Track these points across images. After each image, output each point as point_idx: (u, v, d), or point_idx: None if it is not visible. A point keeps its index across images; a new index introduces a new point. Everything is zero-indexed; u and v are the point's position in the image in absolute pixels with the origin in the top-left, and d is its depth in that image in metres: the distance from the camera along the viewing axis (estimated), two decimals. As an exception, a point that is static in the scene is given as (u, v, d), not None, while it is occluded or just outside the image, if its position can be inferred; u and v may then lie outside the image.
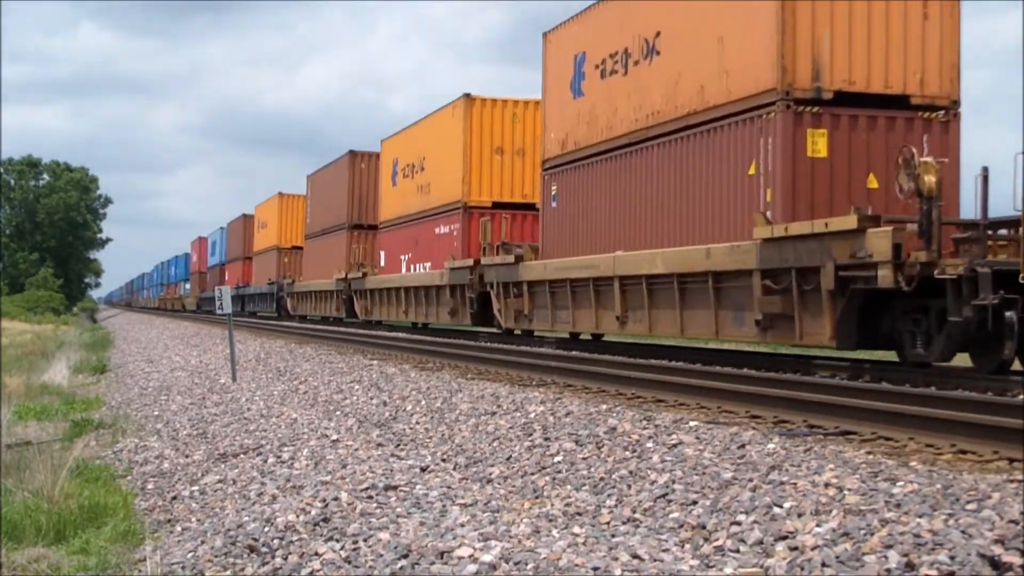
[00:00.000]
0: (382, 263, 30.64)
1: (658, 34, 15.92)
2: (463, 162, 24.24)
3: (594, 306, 17.43)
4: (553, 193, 19.92)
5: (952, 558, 4.63)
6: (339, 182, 35.94)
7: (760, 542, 5.37)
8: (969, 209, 11.82)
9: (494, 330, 22.89)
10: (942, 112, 13.51)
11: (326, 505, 6.93)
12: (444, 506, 6.81)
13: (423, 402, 11.88)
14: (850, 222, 11.43)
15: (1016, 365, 11.78)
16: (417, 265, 27.30)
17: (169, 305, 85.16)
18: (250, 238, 55.73)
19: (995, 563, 4.53)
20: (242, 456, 10.21)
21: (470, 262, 22.80)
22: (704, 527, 5.82)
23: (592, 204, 18.17)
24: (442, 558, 5.51)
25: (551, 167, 20.00)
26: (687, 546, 5.60)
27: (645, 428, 8.48)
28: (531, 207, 22.55)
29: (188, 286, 77.74)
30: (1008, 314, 10.54)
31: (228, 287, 18.96)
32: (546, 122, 20.48)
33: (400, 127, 33.26)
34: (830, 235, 11.76)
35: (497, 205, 24.09)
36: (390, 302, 29.53)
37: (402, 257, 28.65)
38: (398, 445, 9.64)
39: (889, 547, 4.87)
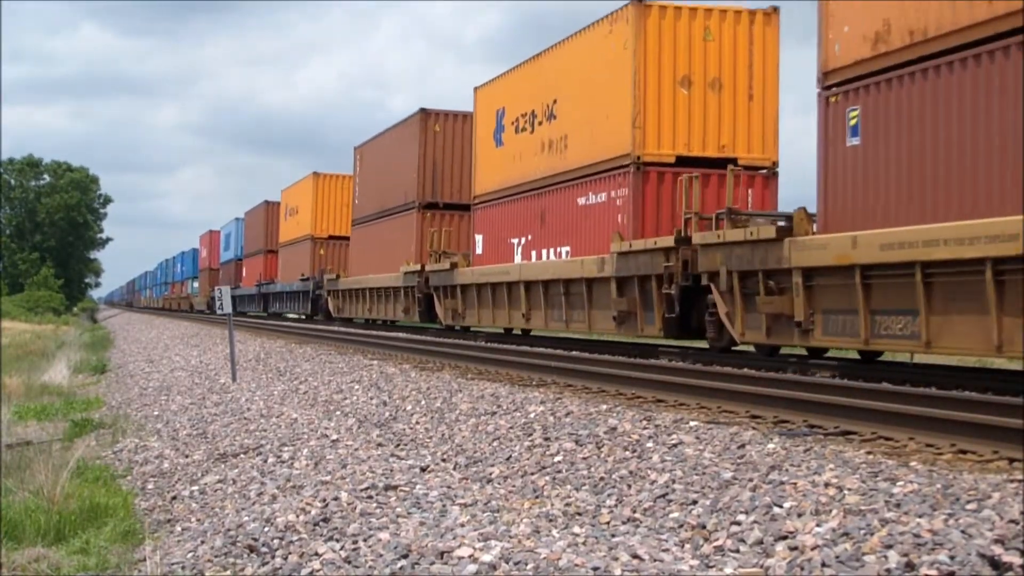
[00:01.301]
0: (479, 250, 23.62)
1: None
2: (632, 99, 16.80)
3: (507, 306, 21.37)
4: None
5: (952, 558, 4.63)
6: (405, 151, 28.61)
7: (760, 542, 5.37)
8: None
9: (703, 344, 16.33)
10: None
11: (326, 505, 6.93)
12: (444, 506, 6.81)
13: (423, 402, 11.88)
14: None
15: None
16: (546, 250, 20.12)
17: (175, 305, 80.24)
18: (274, 228, 49.39)
19: (995, 563, 4.53)
20: (242, 456, 10.21)
21: (659, 242, 15.65)
22: (704, 527, 5.82)
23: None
24: (442, 558, 5.51)
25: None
26: (687, 546, 5.60)
27: (645, 428, 8.48)
28: (727, 164, 15.48)
29: (196, 284, 72.44)
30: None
31: (227, 287, 18.83)
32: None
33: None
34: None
35: (684, 161, 16.76)
36: (500, 303, 21.73)
37: (515, 240, 21.59)
38: (398, 445, 9.64)
39: (889, 547, 4.87)
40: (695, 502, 6.29)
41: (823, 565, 4.84)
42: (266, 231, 50.60)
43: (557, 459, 7.98)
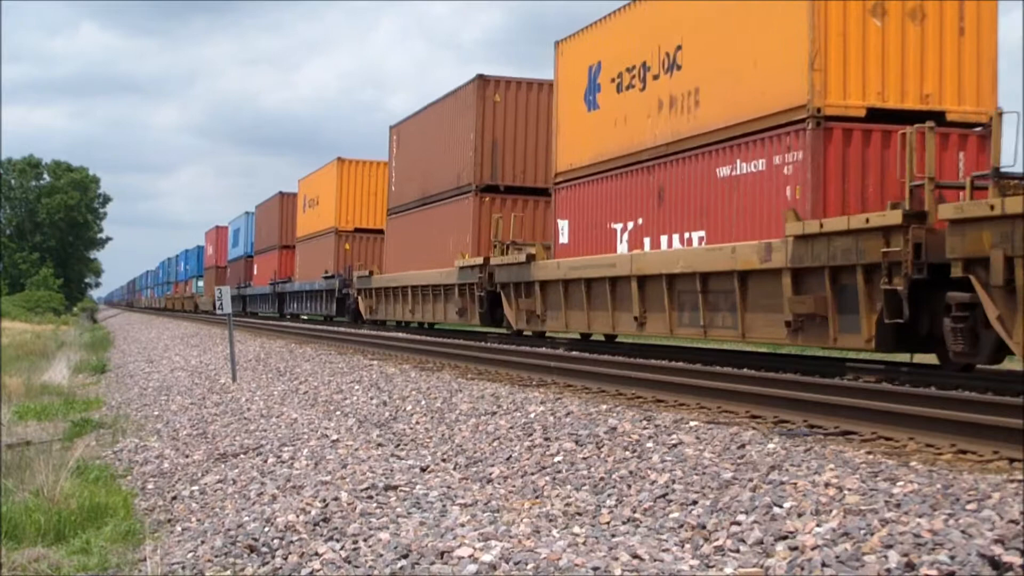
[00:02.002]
0: (563, 239, 19.26)
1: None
2: (810, 30, 12.58)
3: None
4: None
5: (952, 558, 4.64)
6: (457, 126, 24.58)
7: (760, 542, 5.37)
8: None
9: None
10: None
11: (326, 505, 6.93)
12: (444, 506, 6.81)
13: (423, 402, 11.89)
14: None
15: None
16: (666, 237, 15.77)
17: (178, 305, 76.32)
18: (290, 221, 45.36)
19: (995, 563, 4.53)
20: (242, 456, 10.21)
21: (875, 219, 11.38)
22: (704, 527, 5.82)
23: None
24: (442, 558, 5.51)
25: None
26: (687, 546, 5.60)
27: (645, 428, 8.48)
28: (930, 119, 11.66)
29: (201, 283, 68.39)
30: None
31: (227, 287, 18.81)
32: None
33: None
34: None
35: (876, 115, 12.75)
36: (599, 304, 17.52)
37: (617, 226, 17.19)
38: (398, 445, 9.64)
39: (889, 547, 4.87)
40: (695, 502, 6.29)
41: (823, 565, 4.84)
42: (281, 225, 46.59)
43: (557, 459, 7.98)
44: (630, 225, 16.87)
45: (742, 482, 6.46)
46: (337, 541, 6.16)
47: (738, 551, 5.36)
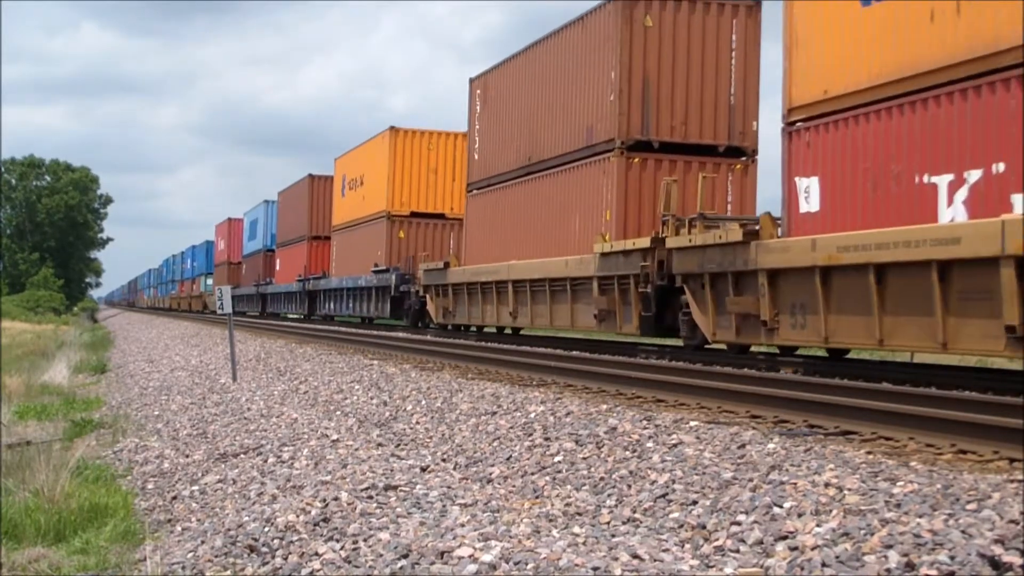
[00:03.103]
0: (808, 204, 12.78)
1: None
2: None
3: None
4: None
5: (952, 558, 4.63)
6: (590, 62, 18.76)
7: (760, 542, 5.37)
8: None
9: None
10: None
11: (326, 505, 6.93)
12: (444, 506, 6.81)
13: (423, 402, 11.89)
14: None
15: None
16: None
17: (184, 305, 71.13)
18: (323, 208, 39.96)
19: (995, 563, 4.53)
20: (242, 456, 10.21)
21: None
22: (704, 527, 5.82)
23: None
24: (442, 558, 5.51)
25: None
26: (687, 546, 5.60)
27: (645, 428, 8.48)
28: None
29: (211, 281, 62.74)
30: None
31: (227, 286, 18.76)
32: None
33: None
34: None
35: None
36: (906, 304, 10.99)
37: (938, 180, 10.68)
38: (398, 445, 9.64)
39: (889, 547, 4.87)
40: (695, 502, 6.29)
41: (823, 565, 4.84)
42: (311, 213, 40.86)
43: (557, 459, 7.98)
44: (972, 176, 10.34)
45: (742, 482, 6.46)
46: (337, 541, 6.16)
47: (738, 551, 5.36)
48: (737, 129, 18.16)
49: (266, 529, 6.71)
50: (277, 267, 47.15)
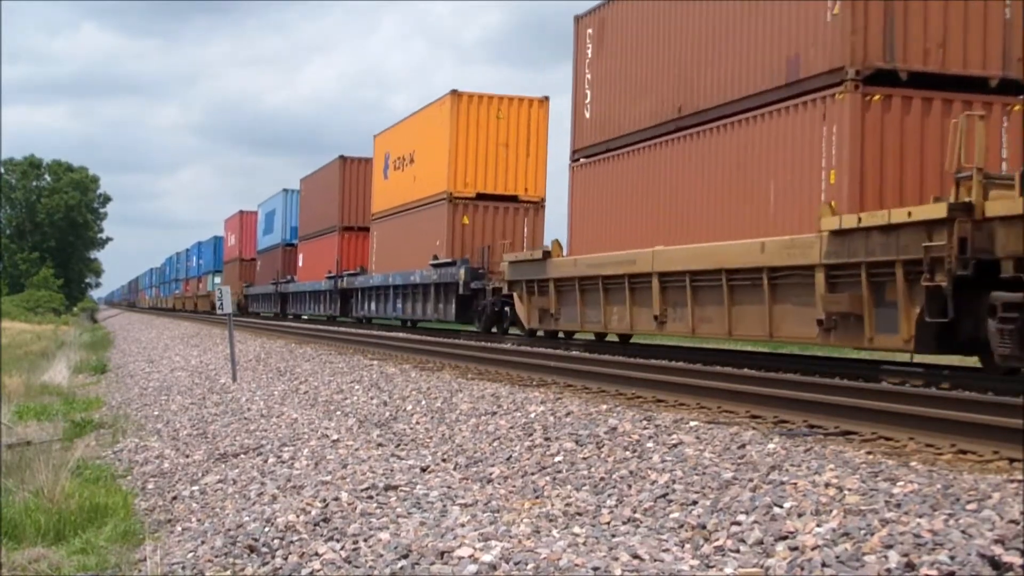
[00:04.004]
0: None
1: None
2: None
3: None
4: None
5: (952, 558, 4.63)
6: None
7: (760, 542, 5.37)
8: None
9: None
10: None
11: (326, 505, 6.93)
12: (444, 506, 6.81)
13: (423, 402, 11.88)
14: None
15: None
16: None
17: (189, 305, 67.13)
18: (358, 195, 35.27)
19: (995, 563, 4.53)
20: (242, 456, 10.22)
21: None
22: (704, 527, 5.82)
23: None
24: (442, 558, 5.51)
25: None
26: (687, 546, 5.60)
27: (645, 428, 8.48)
28: None
29: (218, 280, 58.48)
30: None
31: (227, 286, 18.77)
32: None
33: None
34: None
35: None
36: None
37: None
38: (398, 445, 9.64)
39: (889, 547, 4.87)
40: (695, 502, 6.28)
41: (823, 565, 4.84)
42: (342, 201, 35.77)
43: (557, 459, 7.98)
44: None
45: (742, 482, 6.46)
46: (337, 541, 6.16)
47: (738, 551, 5.36)
48: (1015, 55, 12.88)
49: (266, 529, 6.71)
50: (299, 263, 42.07)
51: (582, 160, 19.49)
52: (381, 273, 31.27)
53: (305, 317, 40.35)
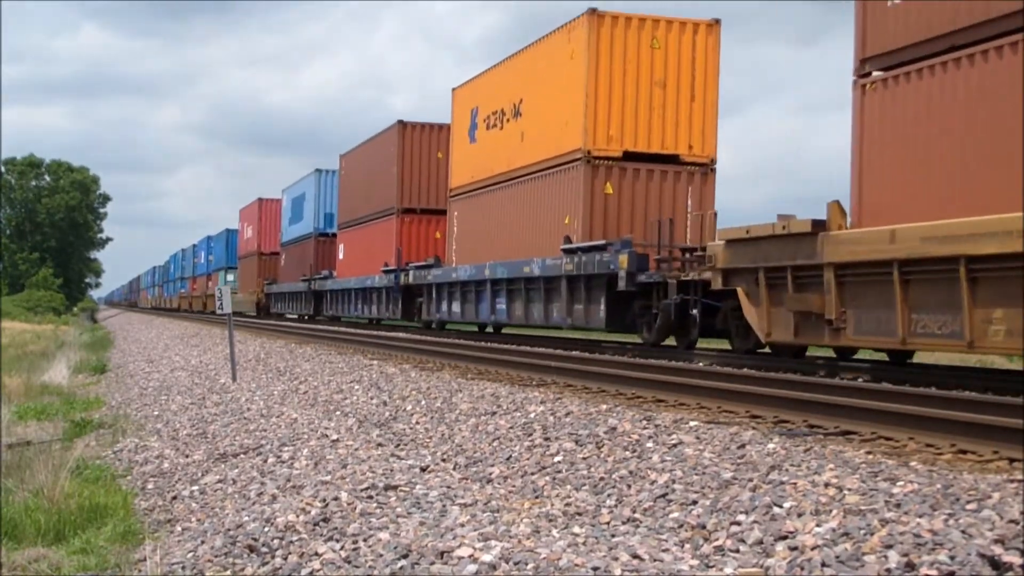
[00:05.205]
0: None
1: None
2: None
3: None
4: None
5: (952, 558, 4.63)
6: None
7: (760, 542, 5.37)
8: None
9: None
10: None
11: (326, 505, 6.93)
12: (444, 506, 6.81)
13: (423, 402, 11.88)
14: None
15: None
16: None
17: (198, 306, 61.23)
18: (424, 168, 29.02)
19: (995, 563, 4.53)
20: (242, 456, 10.22)
21: None
22: (704, 527, 5.82)
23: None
24: (442, 558, 5.51)
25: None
26: (687, 546, 5.59)
27: (645, 428, 8.48)
28: None
29: (231, 277, 53.52)
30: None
31: (227, 286, 18.73)
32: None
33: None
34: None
35: None
36: None
37: None
38: (398, 445, 9.64)
39: (889, 547, 4.87)
40: (695, 502, 6.28)
41: (823, 565, 4.83)
42: (402, 176, 29.11)
43: (557, 459, 7.98)
44: None
45: (742, 482, 6.46)
46: (337, 541, 6.16)
47: (738, 551, 5.36)
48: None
49: (266, 529, 6.71)
50: (340, 255, 35.44)
51: (887, 72, 11.91)
52: (469, 264, 23.81)
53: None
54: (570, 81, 19.63)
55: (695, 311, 15.76)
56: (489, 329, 26.35)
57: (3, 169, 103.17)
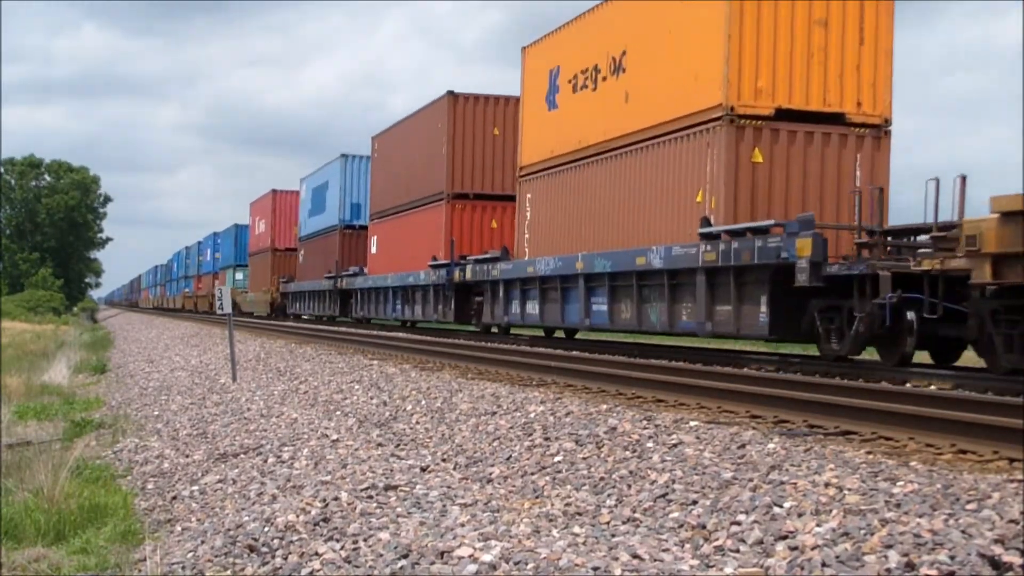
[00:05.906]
0: None
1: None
2: None
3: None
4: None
5: (952, 558, 4.63)
6: None
7: (760, 542, 5.37)
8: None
9: None
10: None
11: (326, 505, 6.93)
12: (444, 506, 6.81)
13: (423, 402, 11.89)
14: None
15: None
16: None
17: (203, 306, 57.15)
18: (474, 148, 25.34)
19: (995, 563, 4.53)
20: (242, 456, 10.22)
21: None
22: (704, 527, 5.82)
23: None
24: (442, 558, 5.51)
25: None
26: (687, 546, 5.60)
27: (645, 428, 8.48)
28: None
29: (240, 276, 50.51)
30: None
31: (226, 287, 18.75)
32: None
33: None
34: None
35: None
36: None
37: None
38: (398, 445, 9.64)
39: (889, 547, 4.87)
40: (695, 502, 6.28)
41: (823, 565, 4.83)
42: (452, 157, 25.24)
43: (557, 459, 7.98)
44: None
45: (742, 482, 6.46)
46: (337, 541, 6.16)
47: (738, 551, 5.36)
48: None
49: (266, 529, 6.71)
50: (372, 249, 31.68)
51: None
52: (552, 256, 19.81)
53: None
54: (703, 21, 15.46)
55: (911, 314, 11.94)
56: (559, 334, 22.94)
57: (3, 169, 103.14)
